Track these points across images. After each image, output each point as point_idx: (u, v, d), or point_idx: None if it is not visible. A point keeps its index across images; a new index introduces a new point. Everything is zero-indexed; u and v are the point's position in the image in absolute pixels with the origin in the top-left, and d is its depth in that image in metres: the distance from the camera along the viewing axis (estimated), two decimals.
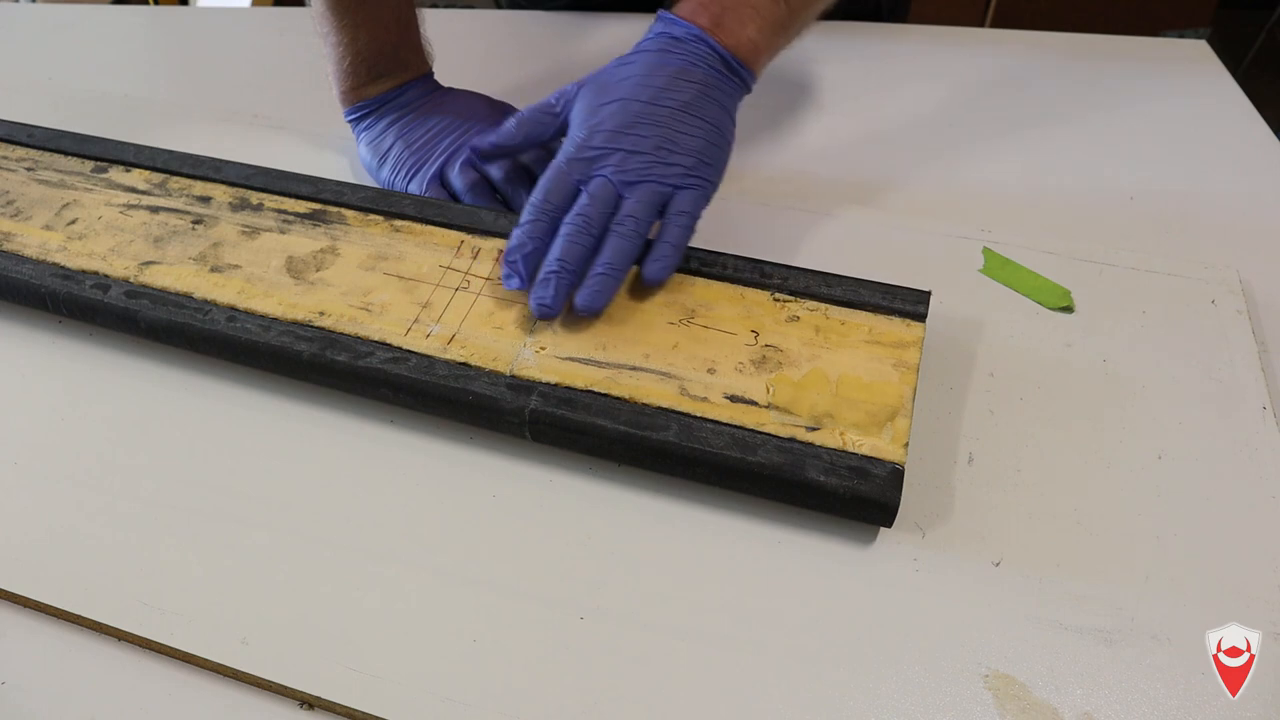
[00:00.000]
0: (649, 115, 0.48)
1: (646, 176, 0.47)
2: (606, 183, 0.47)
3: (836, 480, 0.39)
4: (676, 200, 0.47)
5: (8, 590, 0.40)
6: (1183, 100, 0.66)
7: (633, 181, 0.47)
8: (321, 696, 0.36)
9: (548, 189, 0.47)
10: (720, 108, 0.49)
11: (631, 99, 0.49)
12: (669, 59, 0.50)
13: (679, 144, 0.48)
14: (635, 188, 0.47)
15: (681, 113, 0.48)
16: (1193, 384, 0.46)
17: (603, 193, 0.47)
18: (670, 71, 0.49)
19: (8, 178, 0.57)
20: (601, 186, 0.47)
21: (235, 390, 0.48)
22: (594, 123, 0.49)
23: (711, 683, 0.36)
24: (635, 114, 0.48)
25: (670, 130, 0.48)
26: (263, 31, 0.84)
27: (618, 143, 0.48)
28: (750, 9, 0.50)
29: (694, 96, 0.49)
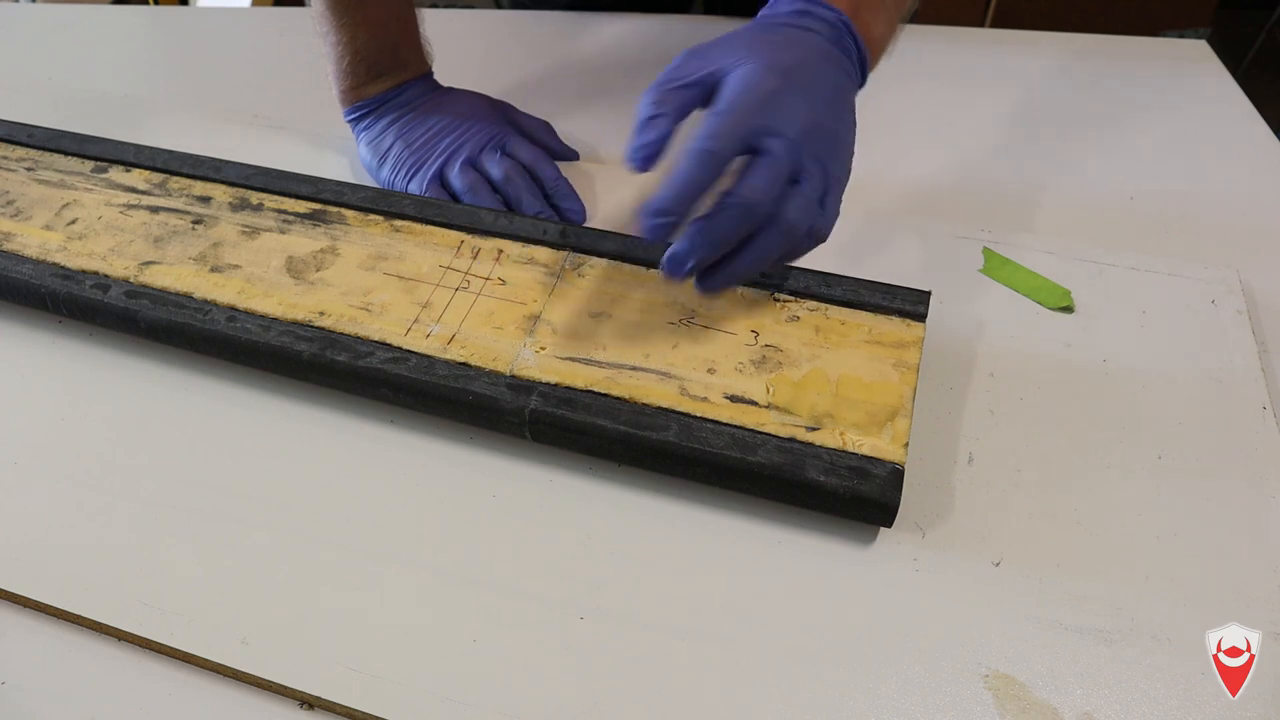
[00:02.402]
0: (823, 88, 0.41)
1: (818, 157, 0.40)
2: (790, 152, 0.39)
3: (836, 480, 0.39)
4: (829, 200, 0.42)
5: (8, 590, 0.40)
6: (1183, 100, 0.66)
7: (810, 158, 0.40)
8: (321, 696, 0.36)
9: (719, 133, 0.39)
10: (853, 103, 0.44)
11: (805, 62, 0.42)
12: (813, 37, 0.43)
13: (842, 134, 0.42)
14: (812, 168, 0.40)
15: (838, 95, 0.43)
16: (1193, 384, 0.46)
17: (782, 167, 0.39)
18: (825, 51, 0.43)
19: (8, 178, 0.57)
20: (785, 152, 0.39)
21: (235, 390, 0.48)
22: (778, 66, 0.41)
23: (711, 683, 0.36)
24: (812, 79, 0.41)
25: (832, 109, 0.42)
26: (263, 31, 0.84)
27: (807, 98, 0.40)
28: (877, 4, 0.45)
29: (843, 82, 0.43)
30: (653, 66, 0.66)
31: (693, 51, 0.43)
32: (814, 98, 0.41)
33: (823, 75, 0.42)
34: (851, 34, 0.44)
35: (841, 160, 0.43)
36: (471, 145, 0.57)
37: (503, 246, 0.50)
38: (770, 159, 0.39)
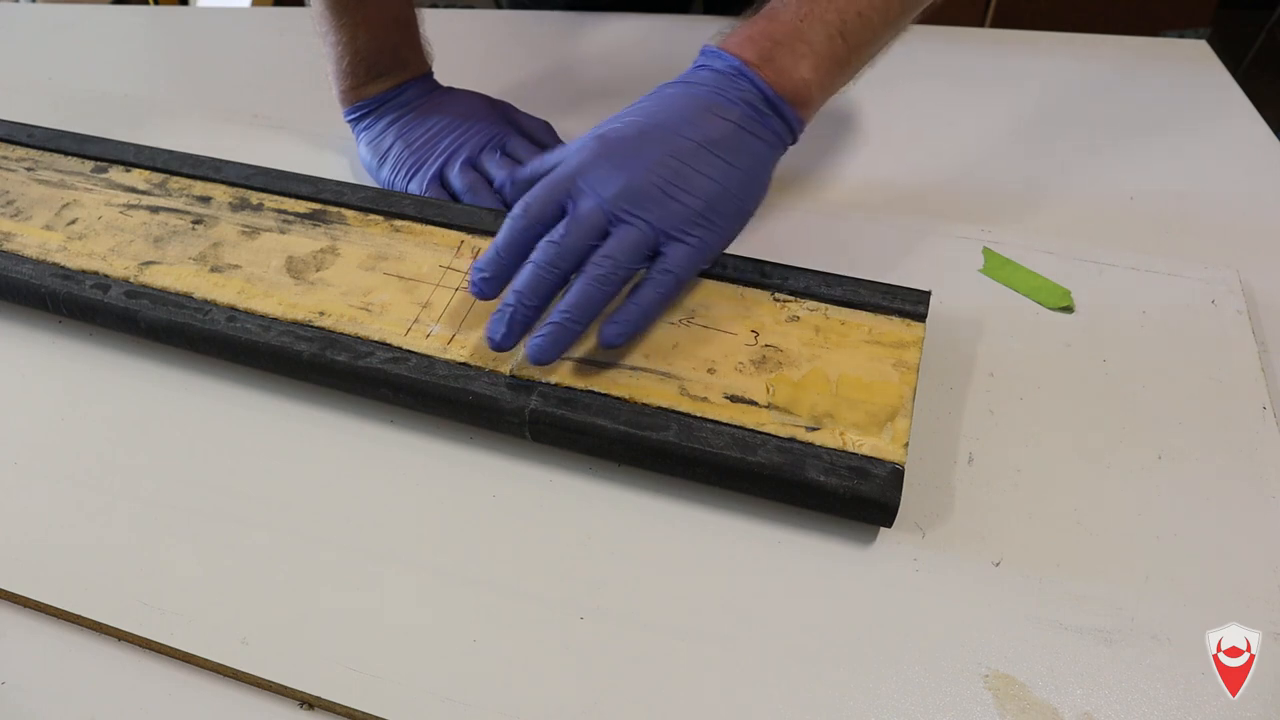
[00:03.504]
0: (664, 143, 0.42)
1: (642, 213, 0.41)
2: (597, 209, 0.42)
3: (836, 480, 0.39)
4: (667, 254, 0.42)
5: (8, 590, 0.40)
6: (1183, 100, 0.66)
7: (625, 216, 0.41)
8: (321, 696, 0.36)
9: (530, 201, 0.43)
10: (753, 154, 0.44)
11: (647, 122, 0.43)
12: (701, 91, 0.44)
13: (691, 184, 0.42)
14: (626, 225, 0.41)
15: (704, 149, 0.42)
16: (1193, 384, 0.46)
17: (589, 220, 0.41)
18: (701, 104, 0.43)
19: (8, 178, 0.57)
20: (590, 212, 0.42)
21: (235, 390, 0.48)
22: (600, 133, 0.43)
23: (711, 683, 0.36)
24: (648, 137, 0.43)
25: (685, 166, 0.42)
26: (263, 31, 0.84)
27: (621, 164, 0.42)
28: (805, 45, 0.44)
29: (724, 134, 0.43)
30: (653, 67, 0.66)
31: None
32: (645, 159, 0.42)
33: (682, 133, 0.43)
34: (749, 80, 0.43)
35: (692, 208, 0.42)
36: (471, 145, 0.57)
37: None
38: (568, 214, 0.42)
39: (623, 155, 0.42)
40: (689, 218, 0.42)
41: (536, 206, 0.43)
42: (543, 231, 0.42)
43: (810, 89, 0.44)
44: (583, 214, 0.42)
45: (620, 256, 0.41)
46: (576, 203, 0.42)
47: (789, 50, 0.44)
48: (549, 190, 0.43)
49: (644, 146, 0.43)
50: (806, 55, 0.44)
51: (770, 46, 0.44)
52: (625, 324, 0.42)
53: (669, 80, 0.46)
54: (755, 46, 0.44)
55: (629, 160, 0.42)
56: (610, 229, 0.42)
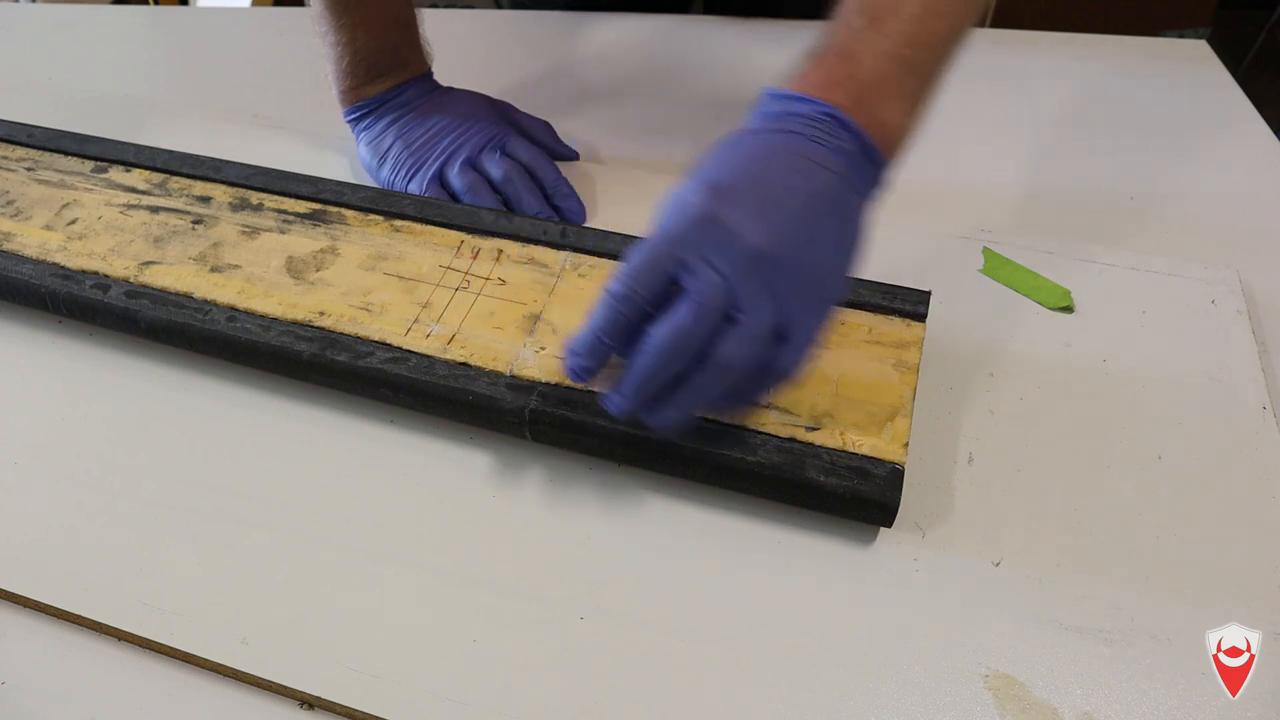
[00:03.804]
0: (780, 200, 0.36)
1: (771, 291, 0.35)
2: (720, 284, 0.35)
3: (836, 480, 0.39)
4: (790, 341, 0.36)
5: (8, 590, 0.40)
6: (1183, 100, 0.66)
7: (753, 293, 0.35)
8: (321, 696, 0.36)
9: (633, 274, 0.36)
10: (856, 210, 0.38)
11: (766, 172, 0.37)
12: (796, 140, 0.37)
13: (812, 251, 0.36)
14: (756, 301, 0.35)
15: (817, 208, 0.36)
16: (1193, 384, 0.46)
17: (713, 300, 0.35)
18: (803, 154, 0.37)
19: (8, 178, 0.57)
20: (712, 290, 0.35)
21: (235, 390, 0.48)
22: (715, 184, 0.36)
23: (711, 683, 0.36)
24: (771, 192, 0.36)
25: (804, 227, 0.36)
26: (263, 31, 0.84)
27: (749, 222, 0.35)
28: (893, 85, 0.39)
29: (830, 189, 0.37)
30: (653, 66, 0.66)
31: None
32: (770, 216, 0.36)
33: (794, 185, 0.36)
34: (845, 127, 0.38)
35: (813, 283, 0.37)
36: (471, 145, 0.57)
37: (503, 246, 0.50)
38: (688, 295, 0.35)
39: (741, 215, 0.35)
40: (812, 292, 0.37)
41: (643, 282, 0.36)
42: (648, 311, 0.36)
43: (902, 135, 0.40)
44: (706, 293, 0.35)
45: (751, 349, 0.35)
46: (696, 275, 0.35)
47: (879, 92, 0.39)
48: (655, 260, 0.36)
49: (761, 204, 0.36)
50: (894, 98, 0.39)
51: (860, 89, 0.38)
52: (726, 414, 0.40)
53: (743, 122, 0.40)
54: (844, 90, 0.38)
55: (749, 221, 0.35)
56: (736, 310, 0.35)
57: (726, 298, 0.35)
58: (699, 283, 0.35)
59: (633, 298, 0.36)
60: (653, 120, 0.66)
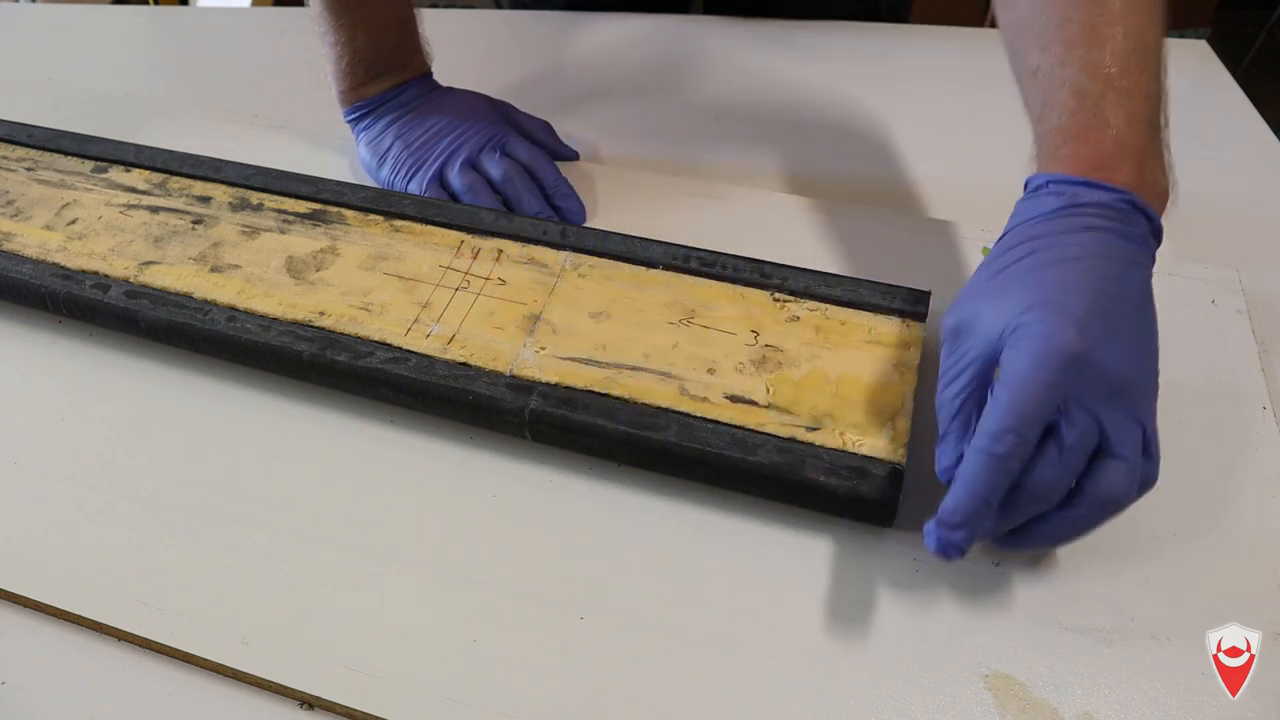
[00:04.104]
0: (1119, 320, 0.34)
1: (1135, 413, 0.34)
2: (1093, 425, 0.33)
3: (836, 480, 0.39)
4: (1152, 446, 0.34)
5: (8, 590, 0.40)
6: (1183, 100, 0.66)
7: (1122, 420, 0.33)
8: (321, 696, 0.36)
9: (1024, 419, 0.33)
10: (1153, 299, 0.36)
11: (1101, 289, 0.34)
12: (1103, 238, 0.35)
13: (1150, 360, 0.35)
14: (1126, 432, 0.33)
15: (1141, 311, 0.35)
16: (1193, 384, 0.46)
17: (1086, 442, 0.33)
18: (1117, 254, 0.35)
19: (8, 178, 0.57)
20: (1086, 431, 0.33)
21: (235, 390, 0.48)
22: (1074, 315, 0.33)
23: (711, 683, 0.36)
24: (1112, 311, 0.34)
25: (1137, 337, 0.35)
26: (263, 31, 0.84)
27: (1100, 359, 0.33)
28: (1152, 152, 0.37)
29: (1146, 285, 0.35)
30: (653, 66, 0.66)
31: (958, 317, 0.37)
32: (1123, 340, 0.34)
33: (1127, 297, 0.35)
34: (1143, 211, 0.36)
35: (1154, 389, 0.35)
36: (471, 145, 0.57)
37: (503, 246, 0.50)
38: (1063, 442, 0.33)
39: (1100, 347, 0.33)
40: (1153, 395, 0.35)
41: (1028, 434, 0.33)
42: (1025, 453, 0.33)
43: (1167, 198, 0.38)
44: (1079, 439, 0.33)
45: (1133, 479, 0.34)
46: (1074, 424, 0.33)
47: (1149, 165, 0.37)
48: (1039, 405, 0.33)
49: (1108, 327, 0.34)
50: (1156, 163, 0.38)
51: (1138, 167, 0.37)
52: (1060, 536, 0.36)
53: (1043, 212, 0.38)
54: (1126, 168, 0.37)
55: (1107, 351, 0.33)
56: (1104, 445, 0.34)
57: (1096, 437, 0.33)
58: (1076, 426, 0.33)
59: (1017, 454, 0.33)
60: (653, 120, 0.66)
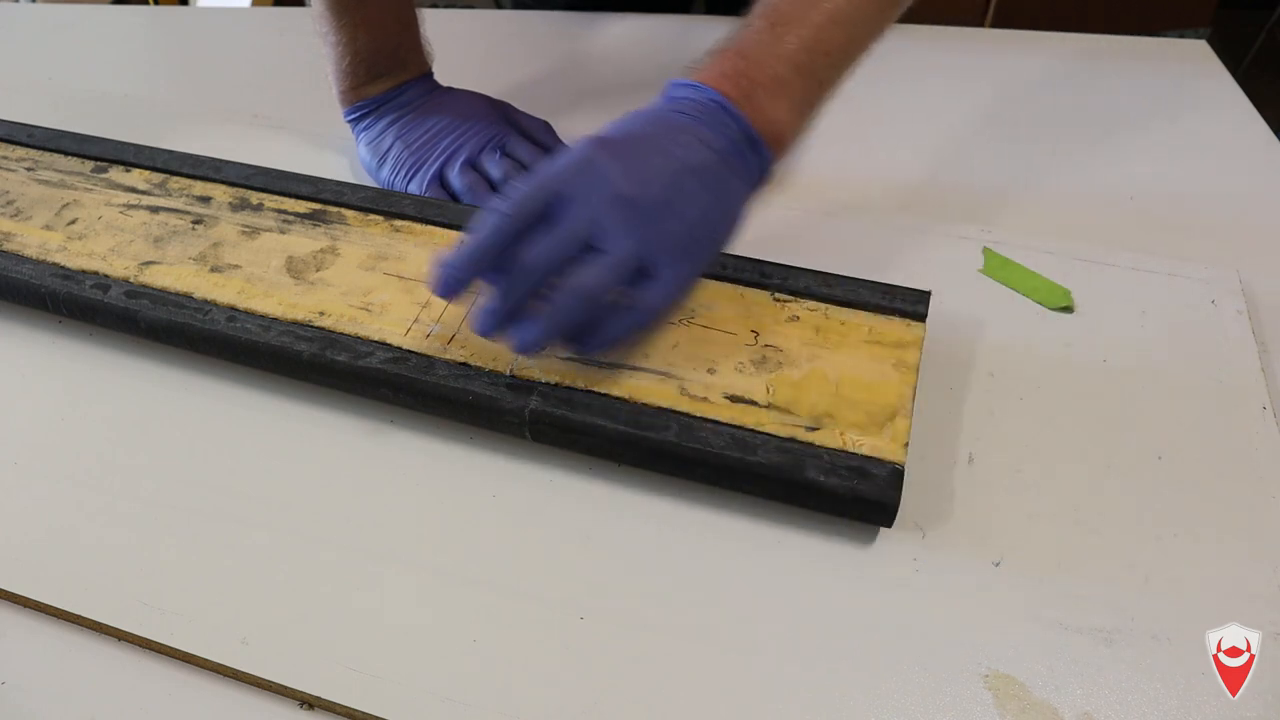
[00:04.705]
0: (658, 158, 0.40)
1: (632, 227, 0.39)
2: (585, 216, 0.39)
3: (836, 480, 0.39)
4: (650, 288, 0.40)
5: (8, 590, 0.40)
6: (1183, 100, 0.66)
7: (614, 225, 0.39)
8: (321, 696, 0.36)
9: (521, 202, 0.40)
10: (732, 190, 0.42)
11: (644, 134, 0.41)
12: (685, 118, 0.41)
13: (680, 208, 0.40)
14: (615, 235, 0.39)
15: (693, 174, 0.40)
16: (1193, 384, 0.46)
17: (576, 228, 0.39)
18: (688, 129, 0.41)
19: (8, 178, 0.57)
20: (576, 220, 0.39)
21: (235, 390, 0.48)
22: (600, 136, 0.41)
23: (711, 683, 0.36)
24: (642, 148, 0.40)
25: (676, 188, 0.40)
26: (263, 31, 0.84)
27: (622, 170, 0.39)
28: (784, 86, 0.42)
29: (709, 163, 0.41)
30: (654, 66, 0.66)
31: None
32: (644, 171, 0.40)
33: (673, 154, 0.40)
34: (731, 116, 0.41)
35: (679, 239, 0.40)
36: (471, 145, 0.57)
37: None
38: (553, 226, 0.39)
39: (621, 162, 0.40)
40: (675, 245, 0.40)
41: (524, 207, 0.39)
42: (522, 231, 0.40)
43: (786, 131, 0.43)
44: (570, 222, 0.39)
45: (606, 275, 0.39)
46: (566, 207, 0.39)
47: (767, 91, 0.42)
48: (536, 191, 0.40)
49: (640, 157, 0.40)
50: (783, 97, 0.42)
51: (749, 86, 0.42)
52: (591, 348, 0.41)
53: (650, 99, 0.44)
54: (734, 84, 0.42)
55: (626, 169, 0.40)
56: (597, 240, 0.39)
57: (590, 229, 0.39)
58: (566, 214, 0.39)
59: (512, 218, 0.39)
60: None
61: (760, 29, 0.43)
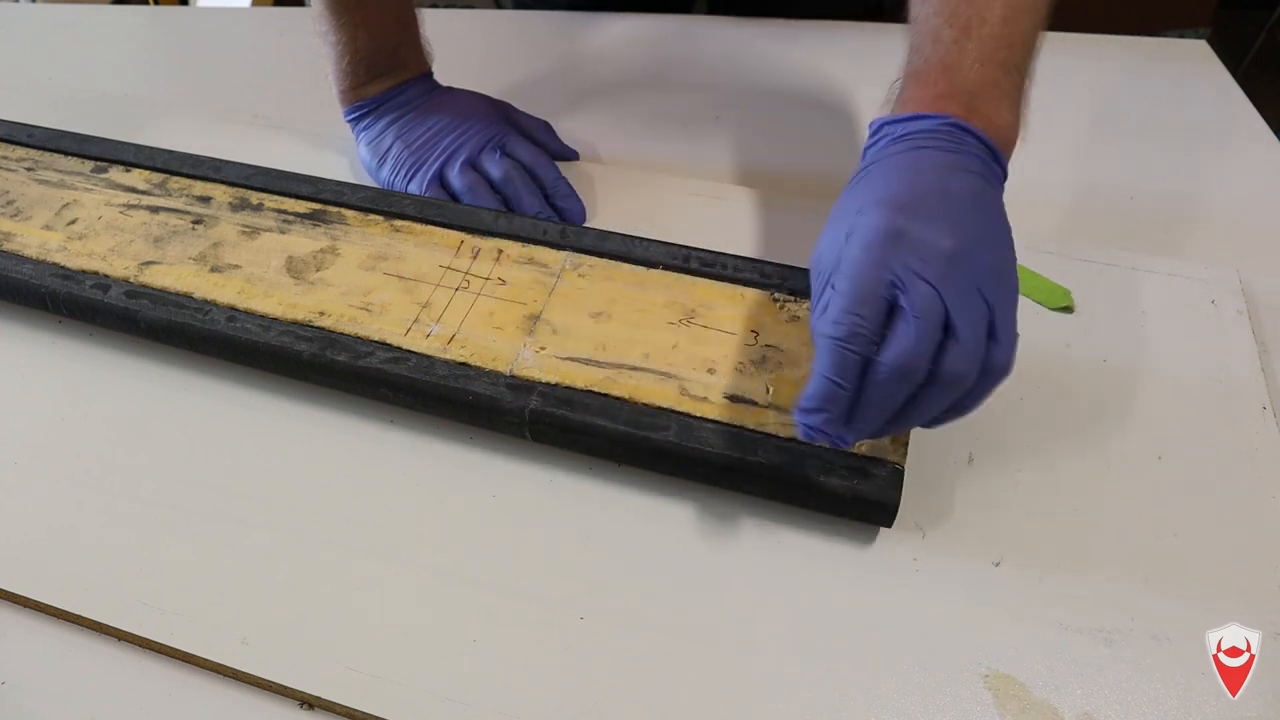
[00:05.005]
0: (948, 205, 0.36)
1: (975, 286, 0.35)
2: (934, 294, 0.34)
3: (836, 480, 0.39)
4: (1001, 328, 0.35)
5: (8, 590, 0.40)
6: (1183, 100, 0.66)
7: (963, 291, 0.34)
8: (321, 696, 0.36)
9: (857, 297, 0.34)
10: (998, 205, 0.39)
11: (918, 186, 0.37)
12: (931, 153, 0.38)
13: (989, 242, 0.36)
14: (969, 303, 0.34)
15: (977, 204, 0.37)
16: (1193, 384, 0.46)
17: (934, 312, 0.34)
18: (942, 163, 0.38)
19: (8, 178, 0.57)
20: (930, 301, 0.34)
21: (235, 390, 0.48)
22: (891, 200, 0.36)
23: (711, 683, 0.36)
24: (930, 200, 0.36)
25: (974, 223, 0.36)
26: (263, 31, 0.84)
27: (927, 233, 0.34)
28: (996, 88, 0.40)
29: (979, 186, 0.37)
30: (654, 66, 0.66)
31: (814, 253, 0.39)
32: (948, 219, 0.35)
33: (952, 189, 0.37)
34: (969, 132, 0.39)
35: (1000, 276, 0.36)
36: (471, 145, 0.57)
37: (503, 246, 0.50)
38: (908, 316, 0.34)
39: (925, 223, 0.35)
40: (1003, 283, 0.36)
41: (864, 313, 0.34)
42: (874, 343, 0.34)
43: (1013, 130, 0.41)
44: (925, 306, 0.34)
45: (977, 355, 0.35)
46: (909, 292, 0.34)
47: (986, 99, 0.40)
48: (869, 280, 0.34)
49: (935, 209, 0.36)
50: (1001, 100, 0.41)
51: (969, 99, 0.40)
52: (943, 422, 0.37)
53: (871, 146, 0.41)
54: (957, 102, 0.40)
55: (935, 227, 0.35)
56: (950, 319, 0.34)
57: (943, 306, 0.34)
58: (916, 296, 0.34)
59: (857, 333, 0.34)
60: (653, 120, 0.66)
61: (953, 38, 0.41)
